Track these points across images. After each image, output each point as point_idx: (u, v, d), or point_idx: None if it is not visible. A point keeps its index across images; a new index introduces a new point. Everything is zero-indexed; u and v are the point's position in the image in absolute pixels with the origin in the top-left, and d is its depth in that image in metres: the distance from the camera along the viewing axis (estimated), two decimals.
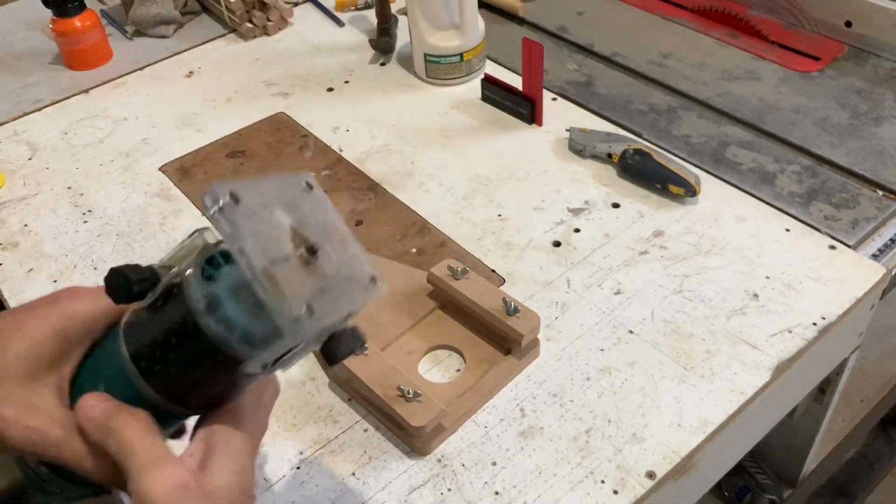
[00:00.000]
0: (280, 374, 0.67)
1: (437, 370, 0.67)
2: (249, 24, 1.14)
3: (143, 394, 0.41)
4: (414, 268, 0.75)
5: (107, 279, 0.40)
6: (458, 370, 0.66)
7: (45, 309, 0.42)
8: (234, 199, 0.37)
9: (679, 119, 0.92)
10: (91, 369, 0.43)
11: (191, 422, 0.44)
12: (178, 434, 0.47)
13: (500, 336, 0.66)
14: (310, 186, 0.43)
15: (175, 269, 0.40)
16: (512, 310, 0.64)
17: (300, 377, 0.67)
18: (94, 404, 0.40)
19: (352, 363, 0.62)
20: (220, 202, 0.37)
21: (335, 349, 0.42)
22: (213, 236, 0.41)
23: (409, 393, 0.59)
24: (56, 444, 0.41)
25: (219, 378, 0.41)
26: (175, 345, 0.40)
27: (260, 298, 0.37)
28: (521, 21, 1.14)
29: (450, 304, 0.69)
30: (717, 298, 0.71)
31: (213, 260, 0.39)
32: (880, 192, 0.81)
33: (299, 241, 0.40)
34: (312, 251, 0.40)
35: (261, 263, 0.37)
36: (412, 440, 0.60)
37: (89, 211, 0.87)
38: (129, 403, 0.41)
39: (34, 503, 0.45)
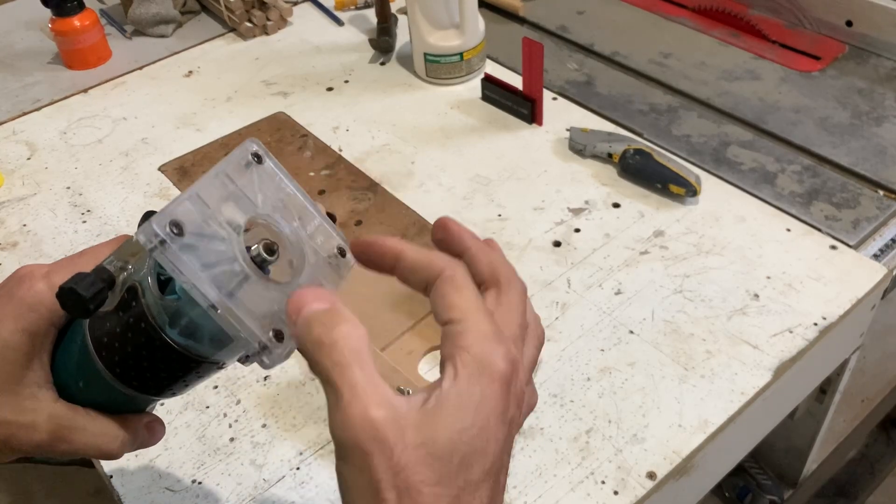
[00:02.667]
0: (284, 375, 0.67)
1: (437, 370, 0.66)
2: (249, 24, 1.14)
3: (123, 391, 0.41)
4: None
5: (60, 300, 0.37)
6: None
7: (6, 307, 0.41)
8: (176, 227, 0.35)
9: (679, 119, 0.92)
10: (65, 363, 0.43)
11: None
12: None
13: None
14: (258, 159, 0.40)
15: (131, 267, 0.39)
16: None
17: (300, 377, 0.67)
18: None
19: None
20: (159, 237, 0.34)
21: None
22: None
23: (408, 393, 0.59)
24: (64, 438, 0.41)
25: (192, 371, 0.41)
26: (146, 356, 0.39)
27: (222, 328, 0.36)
28: (521, 20, 1.14)
29: None
30: (717, 298, 0.70)
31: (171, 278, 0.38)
32: (881, 192, 0.81)
33: (256, 238, 0.39)
34: (271, 251, 0.39)
35: (213, 301, 0.35)
36: None
37: (88, 211, 0.87)
38: (113, 395, 0.42)
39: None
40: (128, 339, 0.39)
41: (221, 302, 0.36)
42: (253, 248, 0.38)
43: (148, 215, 0.38)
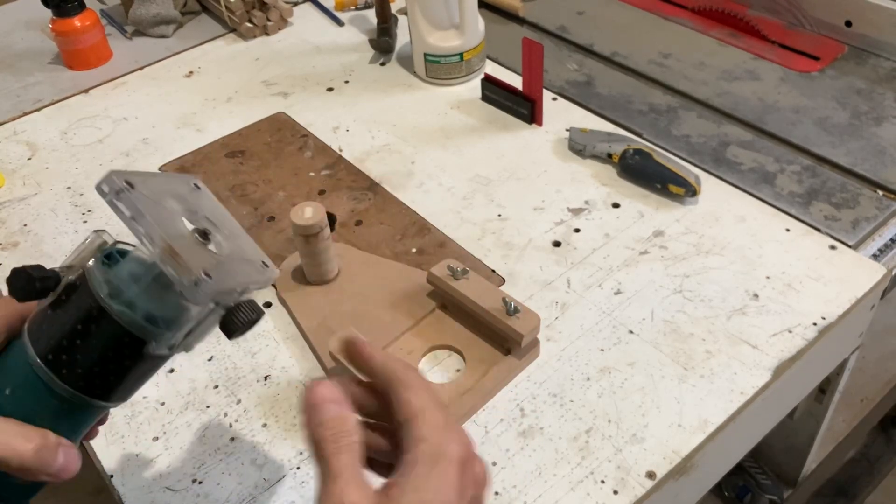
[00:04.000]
0: (284, 375, 0.67)
1: (437, 370, 0.66)
2: (249, 24, 1.14)
3: (55, 389, 0.42)
4: (414, 268, 0.75)
5: (9, 278, 0.41)
6: (458, 370, 0.66)
7: None
8: (130, 185, 0.40)
9: (679, 119, 0.92)
10: None
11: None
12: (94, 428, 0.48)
13: (500, 336, 0.66)
14: (197, 187, 0.46)
15: (76, 268, 0.42)
16: (512, 310, 0.64)
17: (300, 377, 0.67)
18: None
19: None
20: (117, 187, 0.40)
21: (233, 321, 0.43)
22: (110, 238, 0.43)
23: None
24: None
25: (128, 361, 0.42)
26: (80, 331, 0.41)
27: (160, 271, 0.40)
28: (521, 21, 1.14)
29: (450, 303, 0.69)
30: (717, 298, 0.70)
31: (111, 255, 0.42)
32: (880, 192, 0.81)
33: (191, 225, 0.43)
34: (204, 235, 0.43)
35: (160, 236, 0.40)
36: None
37: (89, 211, 0.87)
38: (41, 403, 0.42)
39: None
40: (68, 318, 0.41)
41: (166, 240, 0.40)
42: (191, 228, 0.44)
43: (14, 272, 0.41)
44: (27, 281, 0.40)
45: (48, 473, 0.43)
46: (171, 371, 0.68)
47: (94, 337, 0.41)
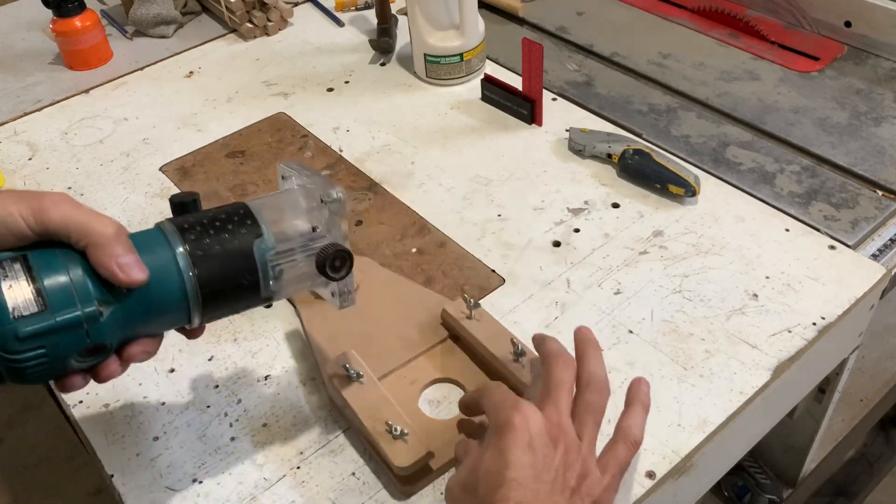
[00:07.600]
0: (284, 375, 0.68)
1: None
2: (250, 25, 1.14)
3: (184, 280, 0.48)
4: (432, 291, 0.72)
5: (177, 195, 0.52)
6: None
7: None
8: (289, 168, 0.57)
9: (679, 119, 0.92)
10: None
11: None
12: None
13: (506, 380, 0.62)
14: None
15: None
16: (519, 352, 0.61)
17: (300, 377, 0.67)
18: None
19: (346, 390, 0.60)
20: (286, 173, 0.58)
21: (323, 258, 0.52)
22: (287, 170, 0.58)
23: (396, 430, 0.57)
24: (70, 201, 0.47)
25: (244, 276, 0.50)
26: (219, 227, 0.50)
27: (318, 196, 0.53)
28: (520, 21, 1.14)
29: (462, 336, 0.67)
30: (716, 298, 0.71)
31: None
32: (880, 192, 0.81)
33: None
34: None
35: (317, 173, 0.56)
36: (396, 479, 0.58)
37: None
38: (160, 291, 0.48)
39: None
40: (214, 224, 0.50)
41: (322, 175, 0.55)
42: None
43: (178, 194, 0.52)
44: (193, 199, 0.51)
45: (119, 263, 0.46)
46: (172, 371, 0.68)
47: (233, 237, 0.49)
